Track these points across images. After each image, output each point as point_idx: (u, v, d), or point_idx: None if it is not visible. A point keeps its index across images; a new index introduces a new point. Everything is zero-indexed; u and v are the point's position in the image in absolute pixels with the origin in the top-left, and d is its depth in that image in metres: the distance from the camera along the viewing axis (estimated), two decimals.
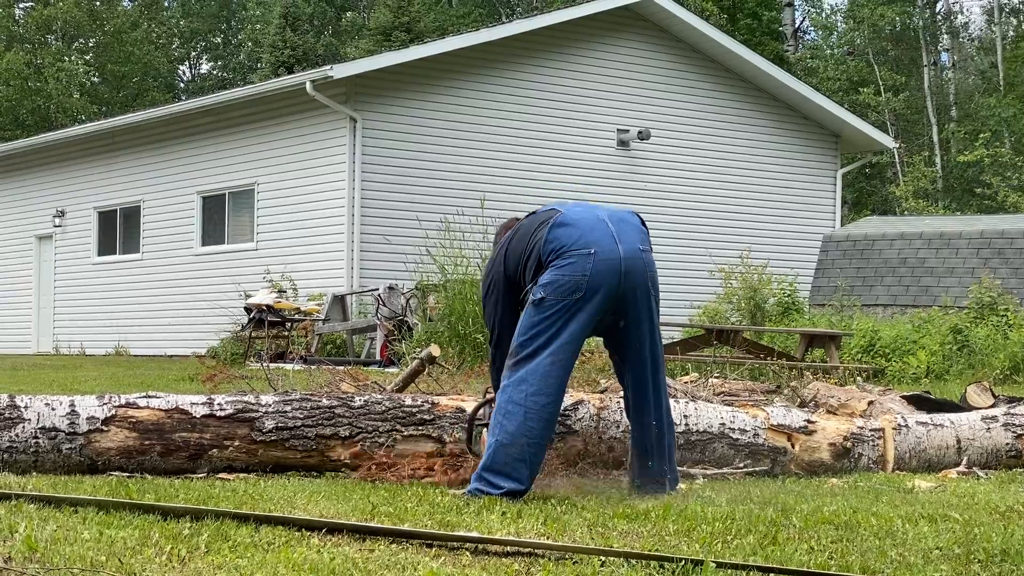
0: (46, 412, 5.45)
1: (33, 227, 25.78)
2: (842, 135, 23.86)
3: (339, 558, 3.72)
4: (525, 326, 5.17)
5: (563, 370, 5.15)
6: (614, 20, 21.56)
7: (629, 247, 5.24)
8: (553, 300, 5.12)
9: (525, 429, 5.06)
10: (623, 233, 5.26)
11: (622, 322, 5.31)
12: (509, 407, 5.08)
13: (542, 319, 5.12)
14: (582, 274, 5.12)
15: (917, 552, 4.13)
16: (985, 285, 16.56)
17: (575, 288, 5.12)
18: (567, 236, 5.19)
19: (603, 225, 5.24)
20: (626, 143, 21.53)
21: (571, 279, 5.12)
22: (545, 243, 5.20)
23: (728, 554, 4.02)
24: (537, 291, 5.15)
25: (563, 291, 5.12)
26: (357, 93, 19.16)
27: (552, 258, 5.17)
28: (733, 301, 18.30)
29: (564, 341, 5.13)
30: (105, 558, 3.57)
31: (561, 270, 5.13)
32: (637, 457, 5.44)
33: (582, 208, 5.39)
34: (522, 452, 5.06)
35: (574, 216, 5.27)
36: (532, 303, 5.16)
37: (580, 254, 5.14)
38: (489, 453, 5.09)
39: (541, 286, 5.15)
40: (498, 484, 5.03)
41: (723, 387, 9.28)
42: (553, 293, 5.12)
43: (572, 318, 5.13)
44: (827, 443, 6.48)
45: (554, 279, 5.13)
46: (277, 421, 5.66)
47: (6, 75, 41.68)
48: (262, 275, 19.60)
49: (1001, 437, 6.90)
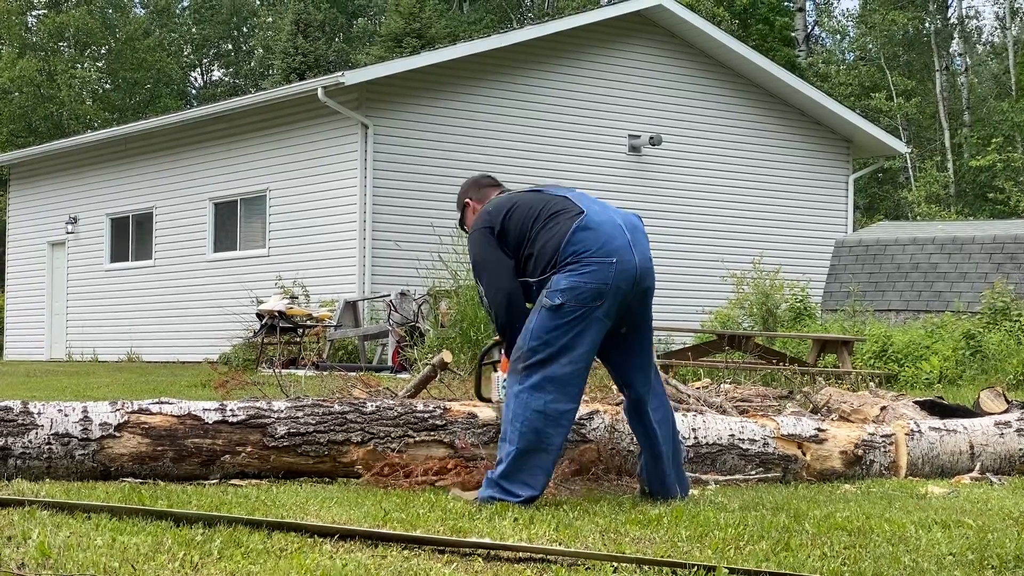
0: (59, 418, 5.46)
1: (46, 234, 25.86)
2: (854, 140, 23.83)
3: (351, 564, 3.73)
4: (540, 331, 5.09)
5: (581, 378, 5.13)
6: (625, 26, 21.56)
7: (642, 256, 5.24)
8: (573, 307, 5.06)
9: (544, 436, 5.03)
10: (637, 242, 5.25)
11: (623, 328, 5.28)
12: (528, 414, 5.02)
13: (560, 325, 5.06)
14: (604, 283, 5.08)
15: (931, 558, 4.12)
16: (998, 290, 16.51)
17: (596, 296, 5.08)
18: (591, 241, 5.13)
19: (621, 232, 5.21)
20: (638, 149, 21.52)
21: (593, 287, 5.07)
22: (567, 243, 5.12)
23: (741, 560, 4.01)
24: (554, 296, 5.08)
25: (584, 298, 5.07)
26: (368, 99, 19.19)
27: (571, 261, 5.10)
28: (745, 306, 18.28)
29: (584, 349, 5.09)
30: (118, 564, 3.58)
31: (583, 276, 5.07)
32: (651, 462, 5.42)
33: (599, 208, 5.33)
34: (542, 460, 5.04)
35: (597, 219, 5.21)
36: (548, 308, 5.09)
37: (603, 263, 5.10)
38: (508, 462, 5.03)
39: (559, 291, 5.07)
40: (516, 493, 5.00)
41: (735, 393, 9.27)
42: (573, 300, 5.06)
43: (591, 326, 5.09)
44: (838, 451, 6.46)
45: (575, 285, 5.07)
46: (289, 427, 5.66)
47: (19, 82, 41.82)
48: (274, 281, 19.63)
49: (1015, 442, 6.88)
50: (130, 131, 23.71)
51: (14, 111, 42.22)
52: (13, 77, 41.56)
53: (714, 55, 22.36)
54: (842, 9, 52.32)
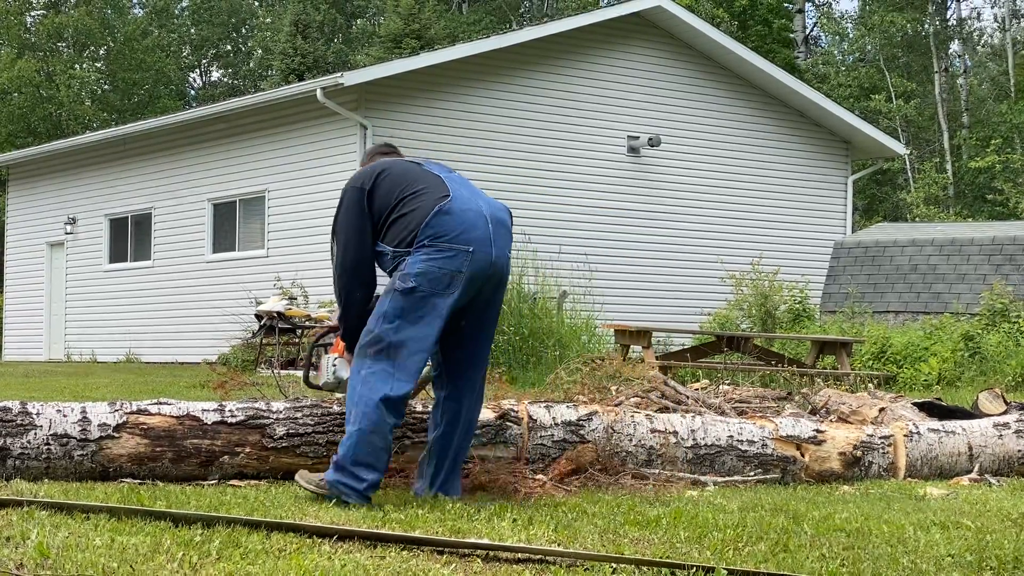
0: (58, 419, 5.46)
1: (45, 234, 25.86)
2: (853, 142, 23.84)
3: (350, 565, 3.73)
4: (390, 313, 5.08)
5: (422, 362, 5.12)
6: (624, 27, 21.56)
7: (500, 251, 5.22)
8: (424, 291, 5.06)
9: (384, 419, 5.02)
10: (498, 236, 5.22)
11: (463, 321, 5.26)
12: (371, 396, 5.02)
13: (409, 308, 5.06)
14: (457, 270, 5.07)
15: (929, 559, 4.12)
16: (997, 292, 16.53)
17: (449, 283, 5.07)
18: (450, 226, 5.10)
19: (484, 223, 5.18)
20: (636, 150, 21.52)
21: (446, 273, 5.07)
22: (426, 224, 5.10)
23: (739, 561, 4.01)
24: (407, 279, 5.07)
25: (435, 284, 5.06)
26: (367, 100, 19.19)
27: (427, 244, 5.08)
28: (744, 308, 18.29)
29: (431, 334, 5.07)
30: (117, 565, 3.58)
31: (437, 262, 5.06)
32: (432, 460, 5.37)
33: (468, 195, 5.27)
34: (384, 441, 5.04)
35: (461, 204, 5.17)
36: (400, 291, 5.08)
37: (459, 250, 5.08)
38: (351, 444, 5.01)
39: (412, 275, 5.06)
40: (362, 476, 4.99)
41: (734, 394, 9.28)
42: (426, 284, 5.05)
43: (439, 312, 5.07)
44: (837, 452, 6.47)
45: (427, 270, 5.06)
46: (288, 428, 5.66)
47: (18, 83, 41.81)
48: (273, 282, 19.62)
49: (1013, 444, 6.88)
50: (129, 132, 23.70)
51: (13, 112, 42.21)
52: (12, 77, 41.55)
53: (713, 56, 22.37)
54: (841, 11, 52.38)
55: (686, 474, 6.11)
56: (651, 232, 21.50)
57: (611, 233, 21.01)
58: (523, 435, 5.94)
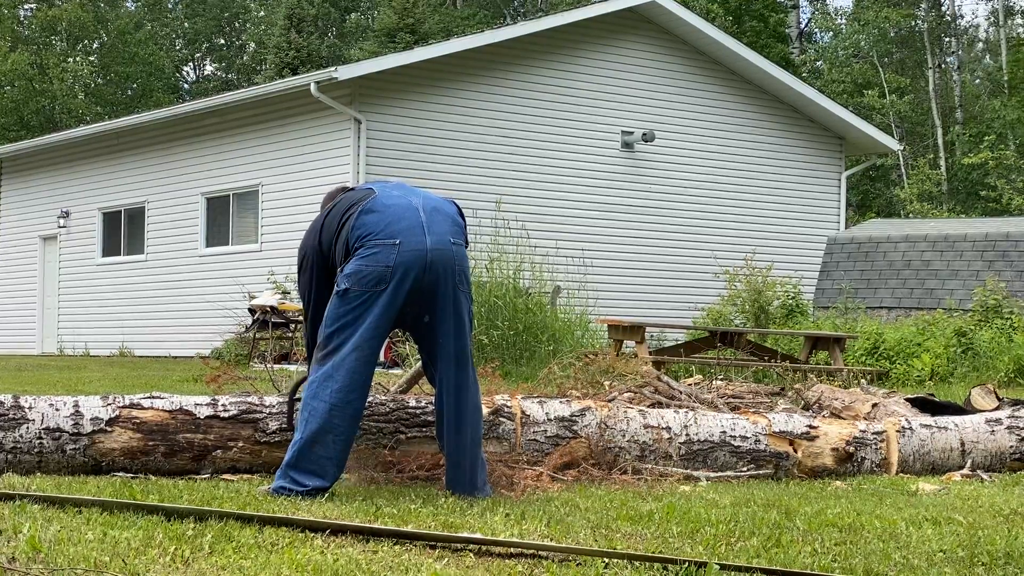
0: (50, 413, 5.46)
1: (38, 228, 25.81)
2: (847, 137, 23.85)
3: (343, 559, 3.73)
4: (330, 317, 5.09)
5: (367, 365, 5.06)
6: (619, 22, 21.55)
7: (438, 238, 5.13)
8: (357, 291, 5.04)
9: (331, 426, 5.00)
10: (434, 223, 5.16)
11: (427, 317, 5.19)
12: (314, 403, 5.02)
13: (347, 311, 5.05)
14: (385, 265, 5.03)
15: (921, 555, 4.13)
16: (990, 288, 16.55)
17: (379, 279, 5.03)
18: (374, 224, 5.09)
19: (414, 213, 5.14)
20: (630, 145, 21.52)
21: (374, 270, 5.03)
22: (353, 229, 5.10)
23: (732, 556, 4.01)
24: (342, 281, 5.08)
25: (366, 282, 5.03)
26: (361, 95, 19.17)
27: (357, 245, 5.08)
28: (737, 303, 18.30)
29: (367, 335, 5.04)
30: (109, 559, 3.58)
31: (365, 260, 5.05)
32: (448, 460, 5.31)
33: (399, 192, 5.28)
34: (328, 450, 5.01)
35: (386, 202, 5.16)
36: (337, 294, 5.09)
37: (384, 244, 5.05)
38: (294, 451, 5.02)
39: (345, 276, 5.07)
40: (303, 482, 4.98)
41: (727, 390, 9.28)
42: (357, 284, 5.04)
43: (376, 309, 5.03)
44: (830, 448, 6.48)
45: (357, 269, 5.05)
46: (281, 422, 5.66)
47: (11, 76, 41.74)
48: (266, 276, 19.60)
49: (1005, 440, 6.89)
50: (122, 125, 23.66)
51: (6, 105, 42.15)
52: (5, 71, 41.49)
53: (707, 52, 22.37)
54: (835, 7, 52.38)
55: (679, 469, 6.12)
56: (645, 227, 21.50)
57: (605, 228, 21.01)
58: (516, 430, 5.94)
